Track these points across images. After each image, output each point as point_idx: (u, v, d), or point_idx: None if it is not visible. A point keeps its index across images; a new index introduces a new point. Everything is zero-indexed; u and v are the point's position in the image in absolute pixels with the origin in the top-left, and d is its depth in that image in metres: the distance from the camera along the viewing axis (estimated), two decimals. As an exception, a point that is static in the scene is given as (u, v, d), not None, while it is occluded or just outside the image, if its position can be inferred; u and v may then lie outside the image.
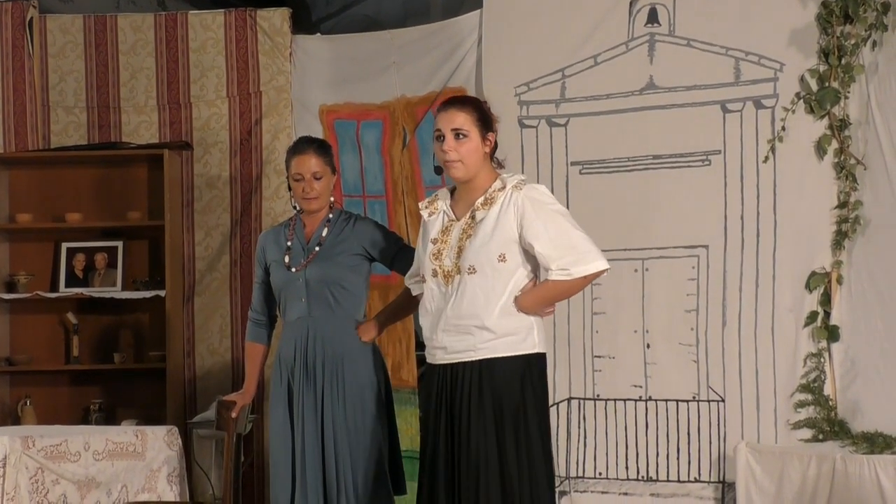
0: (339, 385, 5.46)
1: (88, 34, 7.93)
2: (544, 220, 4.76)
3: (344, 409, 5.45)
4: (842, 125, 6.31)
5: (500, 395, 4.74)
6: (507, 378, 4.74)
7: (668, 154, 6.68)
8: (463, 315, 4.78)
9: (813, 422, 6.32)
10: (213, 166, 7.87)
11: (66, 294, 7.66)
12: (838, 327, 6.32)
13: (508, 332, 4.76)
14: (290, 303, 5.58)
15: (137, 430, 6.17)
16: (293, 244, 5.61)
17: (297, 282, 5.54)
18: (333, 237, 5.60)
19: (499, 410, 4.73)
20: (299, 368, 5.52)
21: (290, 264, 5.57)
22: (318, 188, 5.57)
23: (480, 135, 4.86)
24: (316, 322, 5.52)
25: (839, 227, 6.31)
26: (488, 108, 4.98)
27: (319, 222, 5.64)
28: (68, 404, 7.72)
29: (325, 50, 7.87)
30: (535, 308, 4.79)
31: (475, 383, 4.76)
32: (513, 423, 4.73)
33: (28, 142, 7.73)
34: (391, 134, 7.59)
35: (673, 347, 6.64)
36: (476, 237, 4.79)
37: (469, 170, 4.86)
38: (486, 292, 4.76)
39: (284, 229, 5.72)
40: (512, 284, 4.78)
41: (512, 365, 4.75)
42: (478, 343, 4.76)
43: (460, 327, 4.79)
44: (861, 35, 6.24)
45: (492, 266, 4.76)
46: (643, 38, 6.77)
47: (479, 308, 4.76)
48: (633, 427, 6.73)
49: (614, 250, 6.75)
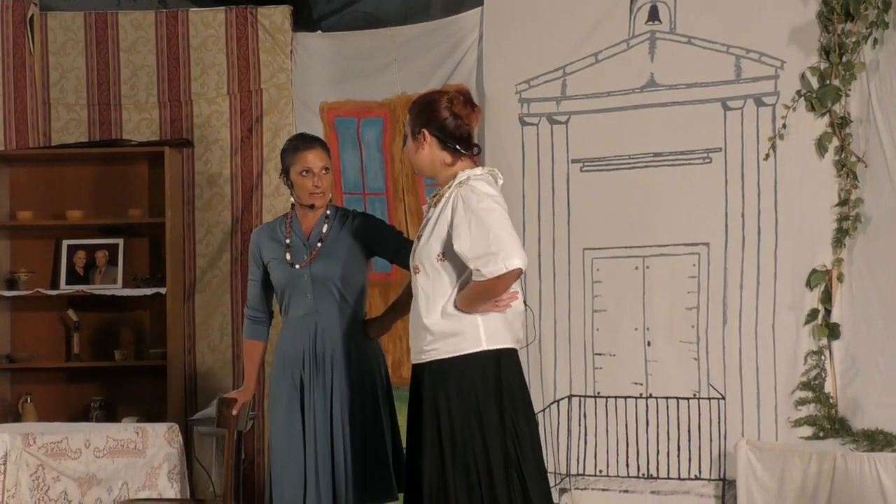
0: (347, 379, 5.46)
1: (89, 31, 7.93)
2: (469, 218, 4.58)
3: (352, 403, 5.44)
4: (843, 123, 6.31)
5: (447, 399, 4.62)
6: (453, 380, 4.61)
7: (669, 152, 6.68)
8: (414, 316, 4.75)
9: (813, 419, 6.32)
10: (214, 164, 7.87)
11: (66, 291, 7.66)
12: (839, 325, 6.32)
13: (449, 332, 4.64)
14: (294, 299, 5.56)
15: (138, 427, 6.17)
16: (293, 241, 5.58)
17: (302, 278, 5.52)
18: (334, 233, 5.58)
19: (447, 414, 4.62)
20: (309, 365, 5.50)
21: (294, 261, 5.55)
22: (325, 182, 5.56)
23: (412, 134, 4.82)
24: (323, 318, 5.51)
25: (840, 225, 6.31)
26: (425, 104, 4.82)
27: (318, 219, 5.62)
28: (69, 401, 7.73)
29: (325, 47, 7.87)
30: (471, 308, 4.62)
31: (427, 386, 4.68)
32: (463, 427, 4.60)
33: (29, 139, 7.73)
34: (392, 131, 7.59)
35: (673, 345, 6.65)
36: (422, 236, 4.75)
37: (417, 168, 4.88)
38: (428, 293, 4.68)
39: (280, 226, 5.67)
40: (455, 284, 4.65)
41: (457, 366, 4.62)
42: (423, 345, 4.70)
43: (413, 329, 4.75)
44: (862, 33, 6.24)
45: (432, 265, 4.67)
46: (644, 35, 6.77)
47: (422, 309, 4.68)
48: (634, 424, 6.73)
49: (615, 248, 6.78)
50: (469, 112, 4.77)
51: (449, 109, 4.75)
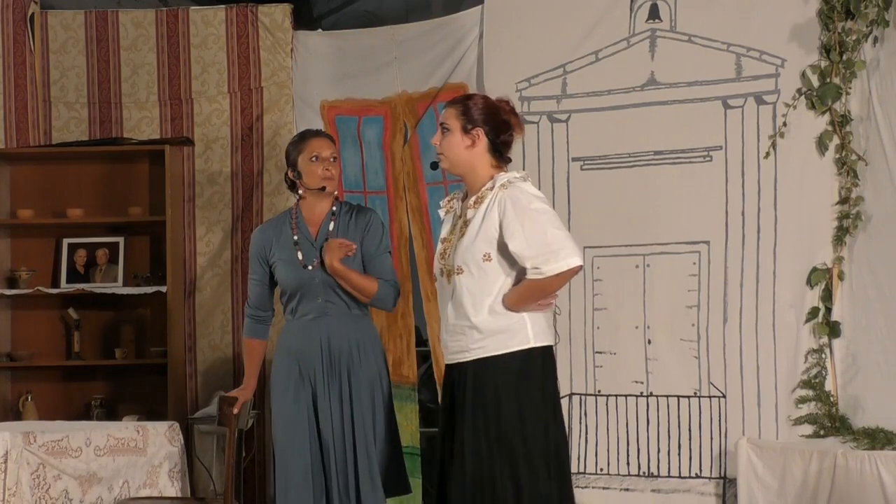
0: (358, 379, 5.45)
1: (90, 30, 7.93)
2: (521, 219, 4.70)
3: (362, 401, 5.44)
4: (843, 121, 6.31)
5: (495, 394, 4.71)
6: (502, 376, 4.71)
7: (670, 150, 6.68)
8: (457, 315, 4.80)
9: (814, 417, 6.32)
10: (215, 162, 7.87)
11: (67, 290, 7.66)
12: (839, 323, 6.32)
13: (497, 330, 4.73)
14: (304, 301, 5.52)
15: (139, 425, 6.17)
16: (300, 240, 5.56)
17: (313, 281, 5.48)
18: (341, 231, 5.55)
19: (495, 411, 4.71)
20: (323, 367, 5.47)
21: (305, 262, 5.51)
22: (335, 170, 5.56)
23: (462, 129, 4.85)
24: (335, 320, 5.49)
25: (840, 223, 6.31)
26: (491, 107, 4.90)
27: (324, 216, 5.59)
28: (69, 400, 7.72)
29: (326, 46, 7.86)
30: (520, 306, 4.74)
31: (470, 384, 4.75)
32: (509, 422, 4.70)
33: (29, 137, 7.73)
34: (392, 130, 7.59)
35: (674, 343, 6.65)
36: (464, 237, 4.80)
37: (452, 163, 4.88)
38: (474, 292, 4.75)
39: (285, 225, 5.64)
40: (500, 283, 4.75)
41: (505, 362, 4.73)
42: (469, 344, 4.76)
43: (456, 328, 4.80)
44: (862, 31, 6.24)
45: (477, 266, 4.75)
46: (644, 33, 6.77)
47: (468, 308, 4.76)
48: (635, 423, 6.73)
49: (615, 246, 6.78)
50: (519, 125, 4.94)
51: (508, 117, 4.89)
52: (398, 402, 7.53)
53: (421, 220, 7.48)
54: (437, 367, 7.36)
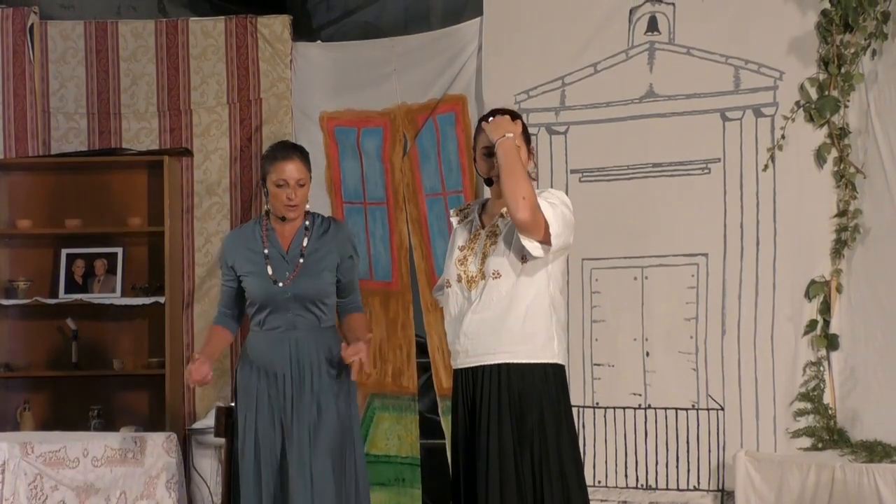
0: (324, 394, 5.39)
1: (89, 40, 7.93)
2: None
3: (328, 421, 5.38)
4: (841, 134, 6.31)
5: (518, 404, 4.76)
6: (526, 387, 4.77)
7: (668, 162, 6.68)
8: (486, 319, 4.81)
9: (812, 430, 6.32)
10: (213, 173, 7.87)
11: (65, 300, 7.65)
12: (838, 336, 6.32)
13: (529, 335, 4.78)
14: (272, 315, 5.42)
15: (136, 436, 6.17)
16: (270, 253, 5.44)
17: (284, 295, 5.39)
18: (314, 246, 5.46)
19: (518, 418, 4.76)
20: (291, 381, 5.38)
21: (276, 277, 5.41)
22: (300, 196, 5.41)
23: (526, 145, 4.91)
24: (302, 334, 5.40)
25: (839, 236, 6.31)
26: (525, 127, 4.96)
27: (296, 230, 5.48)
28: (67, 410, 7.71)
29: (325, 57, 7.87)
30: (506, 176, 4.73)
31: (494, 388, 4.80)
32: (531, 433, 4.75)
33: (28, 148, 7.73)
34: (392, 141, 7.59)
35: (672, 356, 6.64)
36: (499, 243, 4.85)
37: None
38: (510, 296, 4.79)
39: (256, 235, 5.51)
40: (535, 288, 4.81)
41: (530, 373, 4.78)
42: (498, 346, 4.80)
43: (482, 331, 4.82)
44: (861, 44, 6.24)
45: (515, 270, 4.80)
46: (643, 46, 6.77)
47: (503, 311, 4.79)
48: (633, 435, 6.72)
49: (614, 258, 6.78)
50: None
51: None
52: (398, 412, 7.55)
53: (420, 231, 7.48)
54: (437, 377, 7.36)
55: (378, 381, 7.57)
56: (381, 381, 7.58)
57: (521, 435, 4.75)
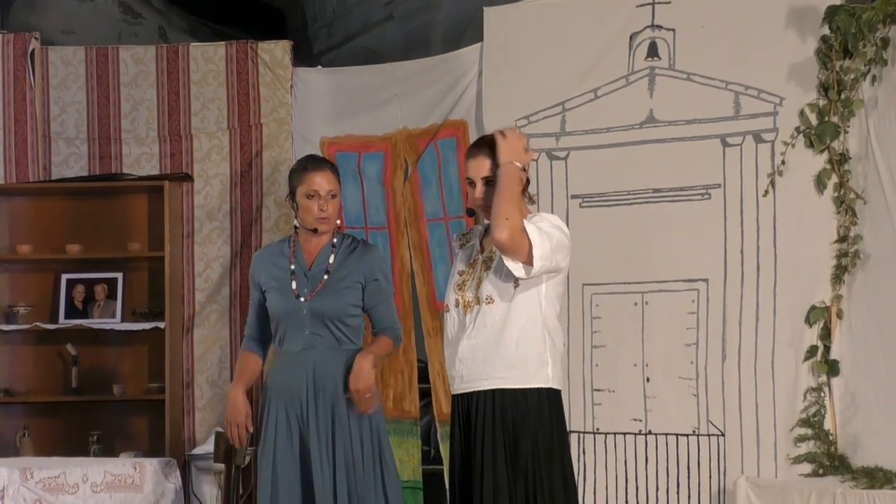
0: (343, 418, 5.35)
1: (90, 66, 7.95)
2: None
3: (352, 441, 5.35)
4: (841, 159, 6.32)
5: (512, 430, 4.75)
6: (519, 412, 4.75)
7: (668, 188, 6.68)
8: (479, 344, 4.82)
9: (813, 456, 6.31)
10: (214, 198, 7.87)
11: (65, 325, 7.65)
12: (838, 362, 6.31)
13: (521, 360, 4.77)
14: (290, 332, 5.37)
15: (136, 462, 6.16)
16: (296, 269, 5.40)
17: (300, 312, 5.33)
18: (339, 264, 5.40)
19: (512, 444, 4.75)
20: (310, 402, 5.32)
21: (298, 292, 5.36)
22: (332, 207, 5.36)
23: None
24: (321, 355, 5.34)
25: (839, 262, 6.31)
26: None
27: (322, 247, 5.43)
28: (67, 436, 7.70)
29: (326, 82, 7.88)
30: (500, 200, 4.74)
31: (488, 414, 4.79)
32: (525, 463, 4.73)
33: (29, 173, 7.74)
34: (393, 166, 7.60)
35: (673, 381, 6.63)
36: (493, 269, 4.85)
37: None
38: (503, 320, 4.79)
39: (283, 251, 5.48)
40: (527, 312, 4.80)
41: (523, 398, 4.77)
42: (491, 372, 4.79)
43: (476, 356, 4.82)
44: (860, 70, 6.25)
45: (507, 293, 4.80)
46: (643, 71, 6.78)
47: (495, 336, 4.79)
48: (633, 461, 6.71)
49: (614, 283, 6.78)
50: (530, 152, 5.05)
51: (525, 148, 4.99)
52: (399, 436, 7.53)
53: (422, 256, 7.48)
54: (437, 402, 7.35)
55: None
56: (382, 406, 7.56)
57: (515, 464, 4.73)
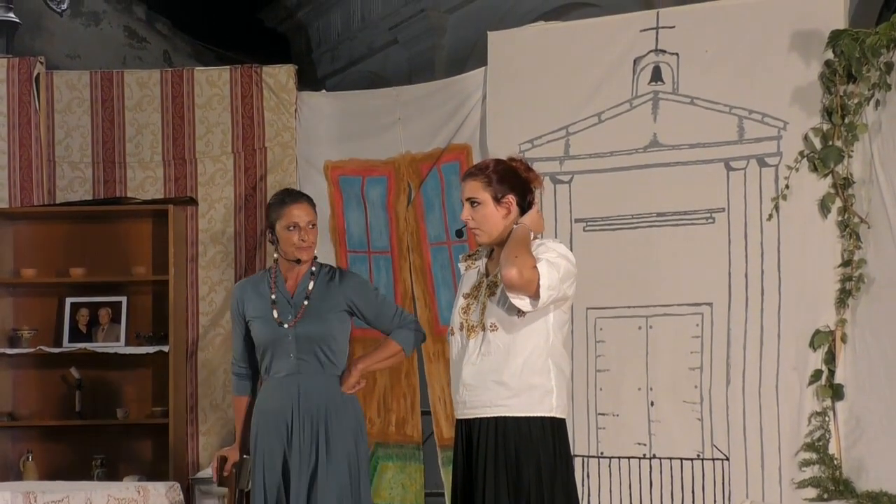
0: (329, 441, 5.42)
1: (95, 90, 7.96)
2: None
3: (336, 465, 5.40)
4: (845, 184, 6.32)
5: (515, 458, 4.74)
6: (522, 441, 4.74)
7: (672, 211, 6.69)
8: (483, 370, 4.80)
9: (818, 481, 6.30)
10: (218, 222, 7.88)
11: (69, 349, 7.65)
12: (843, 386, 6.30)
13: (525, 389, 4.75)
14: (277, 359, 5.51)
15: (139, 486, 6.14)
16: (277, 298, 5.55)
17: (286, 338, 5.48)
18: (320, 291, 5.55)
19: (514, 471, 4.73)
20: (296, 426, 5.44)
21: (281, 319, 5.51)
22: (312, 236, 5.54)
23: (494, 199, 4.86)
24: (306, 379, 5.46)
25: (843, 286, 6.31)
26: (510, 171, 4.90)
27: (302, 275, 5.58)
28: (70, 460, 7.70)
29: (330, 106, 7.90)
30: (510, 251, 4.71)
31: (490, 441, 4.78)
32: (528, 490, 4.72)
33: (34, 197, 7.75)
34: (396, 190, 7.61)
35: (677, 405, 6.63)
36: (498, 295, 4.82)
37: (491, 235, 4.88)
38: (507, 348, 4.78)
39: (264, 282, 5.63)
40: (533, 341, 4.78)
41: (527, 427, 4.75)
42: (494, 399, 4.78)
43: (480, 383, 4.81)
44: (864, 94, 6.26)
45: (511, 322, 4.78)
46: (647, 96, 6.79)
47: (500, 364, 4.77)
48: (637, 485, 6.70)
49: (618, 307, 6.78)
50: (537, 179, 4.98)
51: (527, 176, 4.93)
52: (402, 461, 7.52)
53: (424, 281, 7.48)
54: (438, 427, 7.34)
55: (382, 430, 7.56)
56: (384, 431, 7.57)
57: (517, 488, 4.71)
